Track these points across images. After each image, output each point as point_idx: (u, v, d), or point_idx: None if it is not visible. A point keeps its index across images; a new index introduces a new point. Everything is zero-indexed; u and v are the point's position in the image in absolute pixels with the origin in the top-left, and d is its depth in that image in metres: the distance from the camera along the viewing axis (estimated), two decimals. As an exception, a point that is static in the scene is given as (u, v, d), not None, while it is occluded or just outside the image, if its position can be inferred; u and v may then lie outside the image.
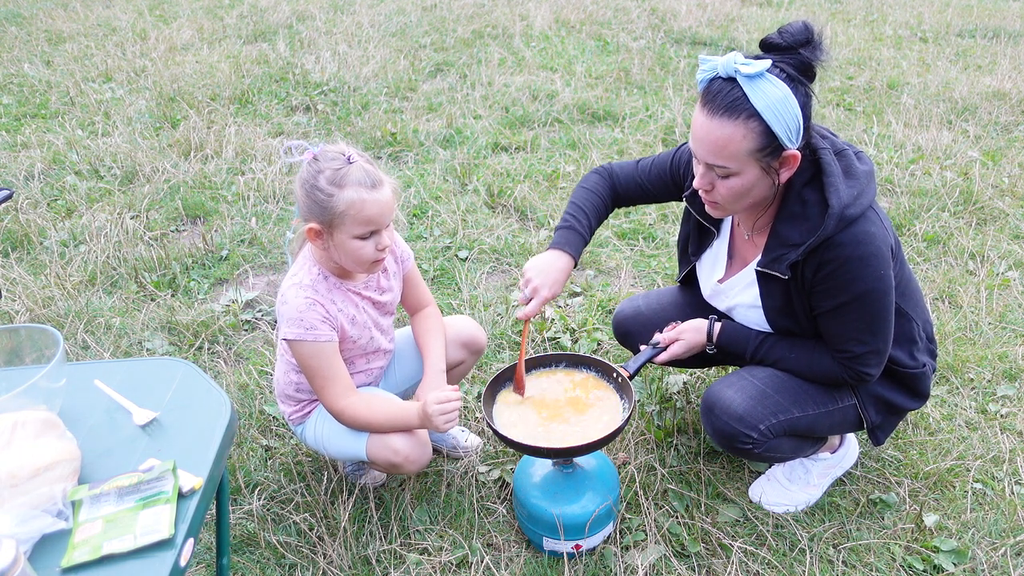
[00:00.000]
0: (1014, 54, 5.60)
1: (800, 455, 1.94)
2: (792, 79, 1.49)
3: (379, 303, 1.87)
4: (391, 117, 4.65)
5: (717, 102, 1.50)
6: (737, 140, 1.50)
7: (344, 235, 1.65)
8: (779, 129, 1.48)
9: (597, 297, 2.89)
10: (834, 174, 1.58)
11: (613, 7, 7.06)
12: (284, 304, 1.71)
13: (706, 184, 1.61)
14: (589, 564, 1.85)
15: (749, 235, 1.80)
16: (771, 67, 1.48)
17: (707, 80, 1.53)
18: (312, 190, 1.63)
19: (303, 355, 1.72)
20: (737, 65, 1.47)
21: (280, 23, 6.70)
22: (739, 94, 1.47)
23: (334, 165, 1.62)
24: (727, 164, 1.54)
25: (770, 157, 1.53)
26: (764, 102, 1.46)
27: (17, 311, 2.84)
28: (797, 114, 1.50)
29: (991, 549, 1.86)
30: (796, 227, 1.62)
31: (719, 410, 1.77)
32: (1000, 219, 3.37)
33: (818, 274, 1.61)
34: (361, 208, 1.62)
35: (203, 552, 1.91)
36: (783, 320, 1.76)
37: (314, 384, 1.75)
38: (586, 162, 3.98)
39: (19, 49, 6.15)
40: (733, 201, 1.62)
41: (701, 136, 1.54)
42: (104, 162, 4.03)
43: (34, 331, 1.41)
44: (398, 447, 1.76)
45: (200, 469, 1.30)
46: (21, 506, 1.18)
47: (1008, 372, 2.45)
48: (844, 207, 1.56)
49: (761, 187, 1.59)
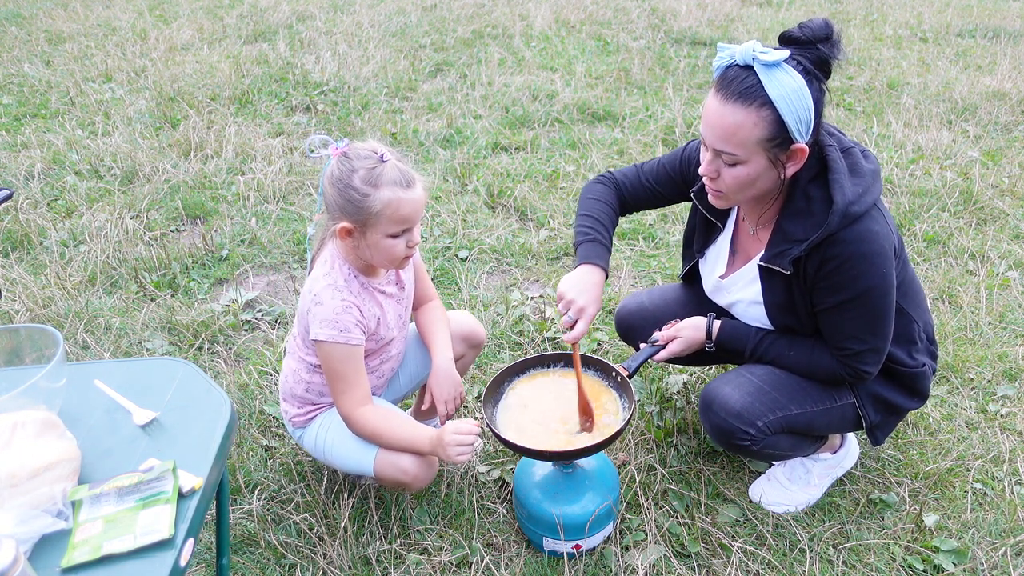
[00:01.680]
0: (1014, 54, 5.60)
1: (799, 454, 1.94)
2: (808, 73, 1.49)
3: (400, 299, 1.86)
4: (391, 117, 4.65)
5: (732, 88, 1.50)
6: (748, 127, 1.50)
7: (378, 234, 1.64)
8: (791, 120, 1.49)
9: (597, 297, 2.88)
10: (839, 171, 1.59)
11: (613, 7, 7.06)
12: (319, 304, 1.68)
13: (712, 171, 1.61)
14: (589, 564, 1.85)
15: (754, 230, 1.80)
16: (788, 58, 1.48)
17: (723, 67, 1.53)
18: (346, 189, 1.60)
19: (333, 358, 1.69)
20: (756, 52, 1.47)
21: (280, 23, 6.70)
22: (754, 81, 1.48)
23: (368, 164, 1.60)
24: (735, 151, 1.54)
25: (779, 149, 1.54)
26: (779, 91, 1.47)
27: (17, 311, 2.84)
28: (810, 107, 1.50)
29: (991, 549, 1.86)
30: (800, 223, 1.62)
31: (717, 406, 1.78)
32: (1000, 219, 3.37)
33: (821, 271, 1.62)
34: (397, 208, 1.60)
35: (203, 552, 1.91)
36: (784, 317, 1.77)
37: (335, 387, 1.72)
38: (586, 162, 3.98)
39: (19, 49, 6.15)
40: (737, 191, 1.62)
41: (712, 121, 1.54)
42: (104, 162, 4.03)
43: (34, 331, 1.41)
44: (407, 467, 1.75)
45: (200, 469, 1.30)
46: (21, 506, 1.18)
47: (1008, 372, 2.45)
48: (848, 204, 1.56)
49: (766, 179, 1.59)
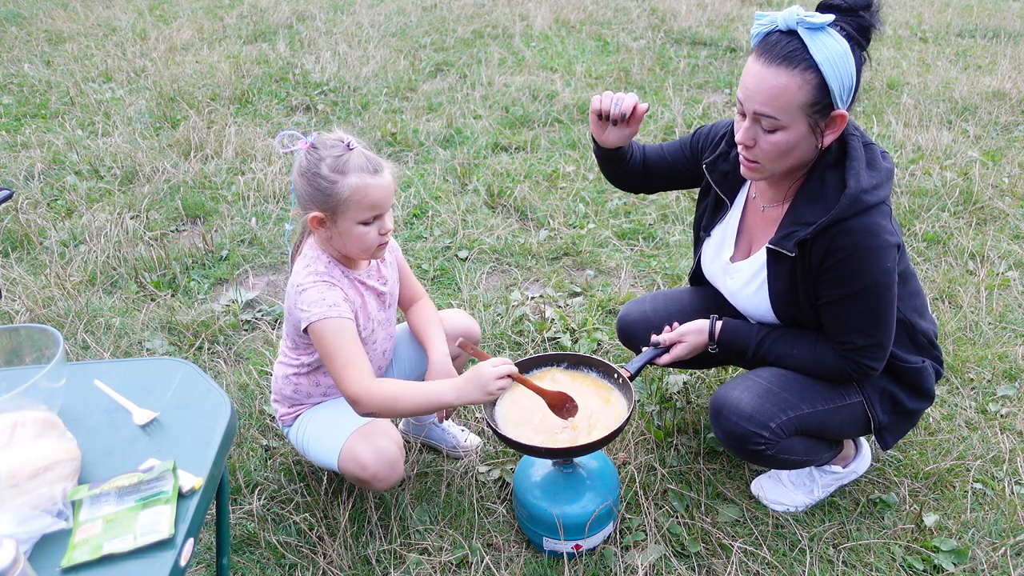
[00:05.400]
0: (1014, 54, 5.60)
1: (814, 460, 1.90)
2: (851, 39, 1.49)
3: (381, 294, 1.86)
4: (391, 117, 4.65)
5: (776, 51, 1.49)
6: (792, 90, 1.49)
7: (348, 221, 1.65)
8: (835, 85, 1.48)
9: (597, 297, 2.89)
10: (858, 159, 1.60)
11: (613, 7, 7.06)
12: (303, 292, 1.69)
13: (749, 138, 1.59)
14: (589, 564, 1.85)
15: (765, 207, 1.79)
16: (832, 23, 1.48)
17: (763, 33, 1.53)
18: (314, 178, 1.63)
19: (328, 334, 1.67)
20: (801, 16, 1.47)
21: (280, 23, 6.70)
22: (798, 45, 1.48)
23: (334, 152, 1.63)
24: (778, 115, 1.52)
25: (820, 115, 1.53)
26: (824, 54, 1.47)
27: (17, 311, 2.84)
28: (853, 73, 1.50)
29: (991, 549, 1.86)
30: (812, 207, 1.63)
31: (727, 411, 1.76)
32: (1000, 219, 3.37)
33: (826, 261, 1.61)
34: (365, 193, 1.63)
35: (203, 552, 1.91)
36: (787, 306, 1.76)
37: (335, 368, 1.68)
38: (586, 162, 3.98)
39: (19, 49, 6.15)
40: (774, 159, 1.60)
41: (754, 85, 1.53)
42: (104, 162, 4.03)
43: (34, 331, 1.41)
44: (366, 463, 1.73)
45: (200, 469, 1.30)
46: (21, 506, 1.18)
47: (1008, 372, 2.45)
48: (861, 191, 1.56)
49: (804, 147, 1.58)
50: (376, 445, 1.76)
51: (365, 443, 1.76)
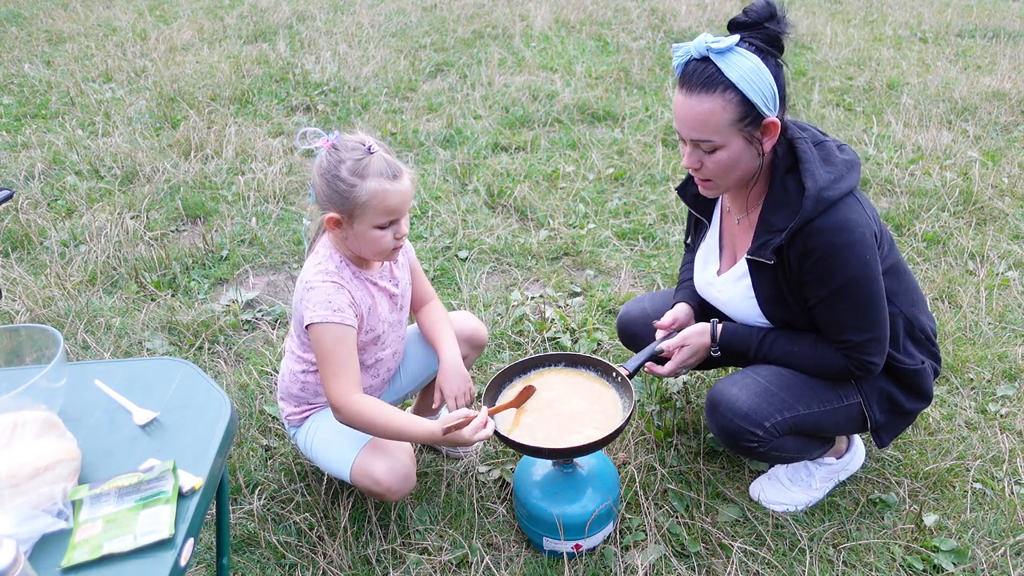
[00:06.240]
0: (1014, 54, 5.60)
1: (805, 456, 1.94)
2: (761, 51, 1.56)
3: (393, 296, 1.86)
4: (391, 117, 4.65)
5: (695, 80, 1.57)
6: (718, 112, 1.56)
7: (364, 225, 1.65)
8: (755, 97, 1.55)
9: (597, 297, 2.89)
10: (810, 160, 1.65)
11: (613, 7, 7.06)
12: (310, 290, 1.69)
13: (695, 162, 1.67)
14: (589, 564, 1.85)
15: (739, 219, 1.84)
16: (740, 42, 1.56)
17: (682, 64, 1.61)
18: (333, 180, 1.62)
19: (326, 339, 1.67)
20: (708, 43, 1.55)
21: (280, 23, 6.70)
22: (713, 70, 1.55)
23: (355, 155, 1.62)
24: (711, 137, 1.59)
25: (751, 126, 1.59)
26: (737, 73, 1.54)
27: (17, 311, 2.85)
28: (771, 82, 1.56)
29: (991, 549, 1.86)
30: (781, 213, 1.67)
31: (724, 408, 1.77)
32: (1000, 219, 3.37)
33: (804, 264, 1.65)
34: (383, 199, 1.62)
35: (203, 552, 1.91)
36: (777, 310, 1.78)
37: (325, 371, 1.69)
38: (586, 162, 3.98)
39: (19, 49, 6.16)
40: (723, 175, 1.67)
41: (683, 115, 1.61)
42: (104, 162, 4.03)
43: (34, 331, 1.41)
44: (380, 478, 1.73)
45: (200, 469, 1.30)
46: (21, 506, 1.18)
47: (1008, 372, 2.45)
48: (820, 189, 1.61)
49: (747, 158, 1.64)
50: (389, 460, 1.75)
51: (378, 458, 1.75)
